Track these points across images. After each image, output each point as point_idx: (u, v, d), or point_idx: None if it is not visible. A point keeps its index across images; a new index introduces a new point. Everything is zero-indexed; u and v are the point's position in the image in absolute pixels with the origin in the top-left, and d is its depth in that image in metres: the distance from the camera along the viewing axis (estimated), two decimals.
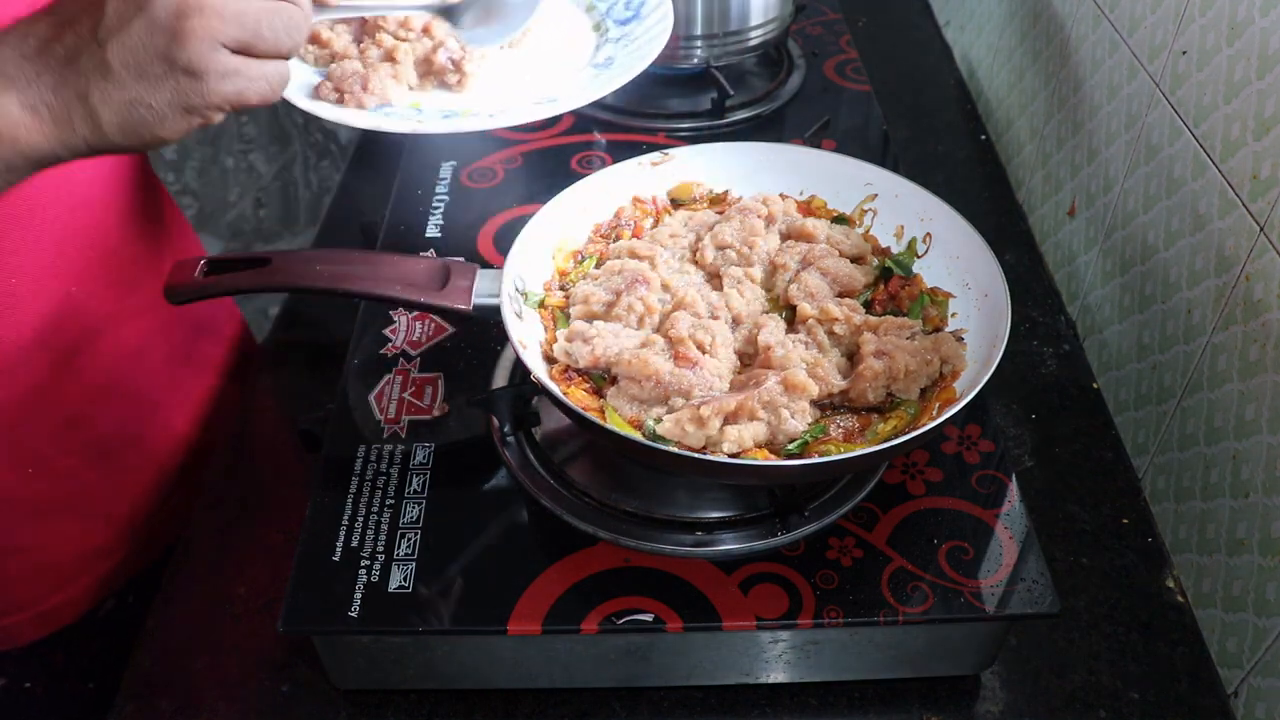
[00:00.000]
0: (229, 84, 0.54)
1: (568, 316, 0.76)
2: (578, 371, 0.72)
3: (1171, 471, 0.85)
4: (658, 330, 0.74)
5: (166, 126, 0.55)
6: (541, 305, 0.77)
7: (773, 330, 0.73)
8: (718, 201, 0.88)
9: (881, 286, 0.80)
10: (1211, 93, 0.80)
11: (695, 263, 0.81)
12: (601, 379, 0.72)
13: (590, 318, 0.75)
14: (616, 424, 0.67)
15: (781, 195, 0.86)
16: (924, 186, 0.82)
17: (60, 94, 0.53)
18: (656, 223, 0.86)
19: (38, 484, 0.81)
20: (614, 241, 0.84)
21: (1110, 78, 0.98)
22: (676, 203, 0.88)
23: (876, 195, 0.84)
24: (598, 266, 0.80)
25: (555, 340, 0.74)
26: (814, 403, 0.70)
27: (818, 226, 0.81)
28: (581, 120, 1.14)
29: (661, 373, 0.68)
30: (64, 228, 0.75)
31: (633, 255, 0.79)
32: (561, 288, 0.80)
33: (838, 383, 0.70)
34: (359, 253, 0.75)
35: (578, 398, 0.70)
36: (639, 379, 0.69)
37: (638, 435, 0.66)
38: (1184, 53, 0.84)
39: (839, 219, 0.85)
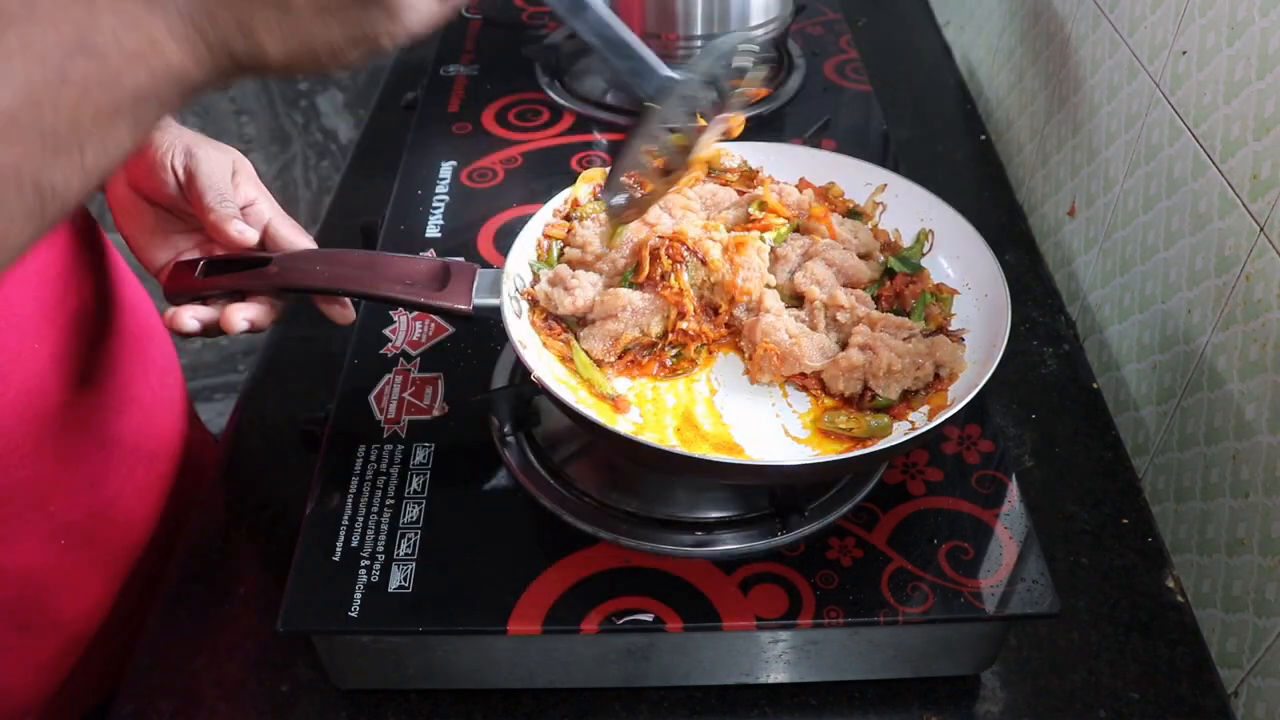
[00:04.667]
0: (413, 14, 0.48)
1: (560, 254, 0.78)
2: (556, 319, 0.74)
3: (1171, 471, 0.85)
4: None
5: (336, 61, 0.49)
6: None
7: (770, 300, 0.74)
8: (748, 177, 0.87)
9: (888, 283, 0.80)
10: (1211, 93, 0.80)
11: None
12: (575, 325, 0.75)
13: (581, 265, 0.76)
14: (583, 367, 0.71)
15: (800, 182, 0.86)
16: (924, 186, 0.82)
17: (216, 23, 0.45)
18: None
19: None
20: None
21: (1110, 78, 0.98)
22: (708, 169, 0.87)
23: (886, 186, 0.84)
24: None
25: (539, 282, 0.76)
26: (791, 381, 0.73)
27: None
28: (581, 120, 1.14)
29: (634, 299, 0.71)
30: None
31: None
32: (567, 217, 0.80)
33: (812, 363, 0.71)
34: (359, 253, 0.75)
35: (554, 348, 0.72)
36: (614, 312, 0.71)
37: (639, 438, 0.66)
38: (1184, 53, 0.84)
39: (852, 212, 0.84)
